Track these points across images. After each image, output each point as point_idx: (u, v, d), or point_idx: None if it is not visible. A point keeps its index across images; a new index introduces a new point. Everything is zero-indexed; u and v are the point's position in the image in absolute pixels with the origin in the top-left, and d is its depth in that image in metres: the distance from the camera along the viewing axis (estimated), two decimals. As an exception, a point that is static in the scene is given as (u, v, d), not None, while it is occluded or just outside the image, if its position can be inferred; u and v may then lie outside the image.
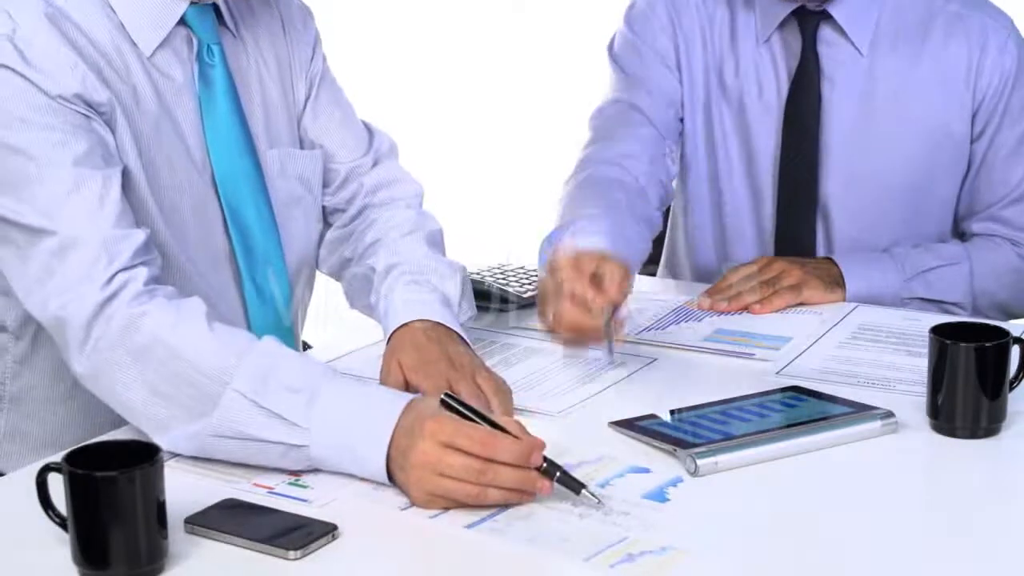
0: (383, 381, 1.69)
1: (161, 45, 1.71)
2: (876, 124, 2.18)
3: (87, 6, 1.66)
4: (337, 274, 1.97)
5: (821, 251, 2.22)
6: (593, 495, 1.43)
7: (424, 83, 5.18)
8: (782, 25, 2.17)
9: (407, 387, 1.66)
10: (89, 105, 1.62)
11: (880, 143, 2.18)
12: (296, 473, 1.51)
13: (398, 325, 1.74)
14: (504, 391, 1.66)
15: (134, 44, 1.69)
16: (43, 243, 1.56)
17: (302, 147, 1.91)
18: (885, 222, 2.20)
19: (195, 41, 1.74)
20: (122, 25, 1.68)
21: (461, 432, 1.44)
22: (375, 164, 1.97)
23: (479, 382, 1.65)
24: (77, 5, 1.65)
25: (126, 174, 1.64)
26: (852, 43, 2.16)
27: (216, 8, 1.77)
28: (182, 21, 1.72)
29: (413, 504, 1.45)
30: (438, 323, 1.74)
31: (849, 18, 2.15)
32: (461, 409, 1.47)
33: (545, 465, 1.44)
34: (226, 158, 1.77)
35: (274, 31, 1.88)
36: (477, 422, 1.46)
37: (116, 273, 1.55)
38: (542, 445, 1.44)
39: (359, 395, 1.52)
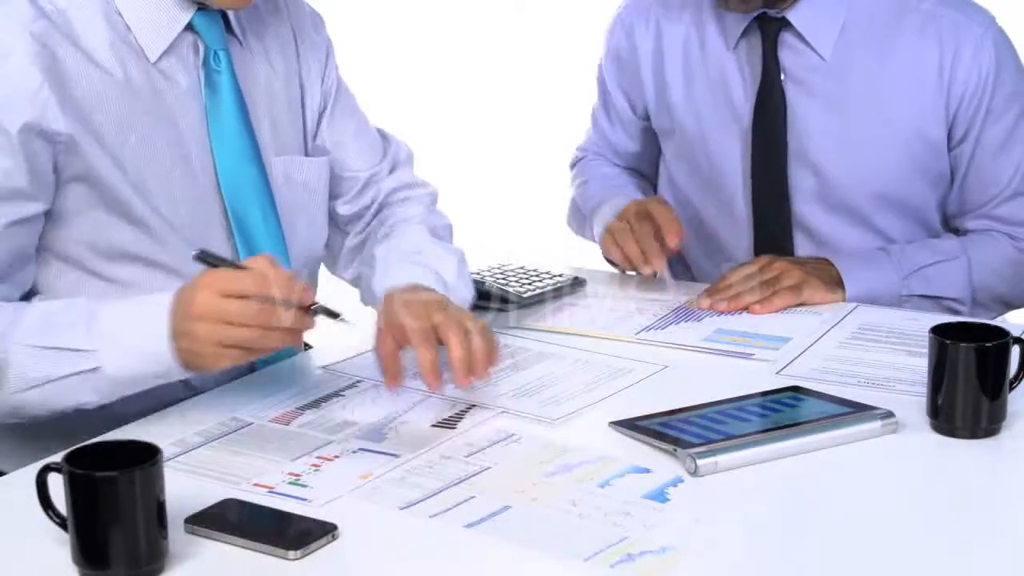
0: (375, 333, 1.66)
1: (167, 51, 1.71)
2: (848, 129, 2.14)
3: (91, 9, 1.66)
4: (358, 281, 1.97)
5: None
6: (346, 321, 1.54)
7: (424, 83, 5.19)
8: (747, 32, 2.15)
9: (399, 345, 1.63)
10: (43, 135, 1.60)
11: (853, 148, 2.14)
12: (296, 473, 1.51)
13: (390, 286, 1.72)
14: (492, 342, 1.63)
15: (139, 49, 1.68)
16: None
17: (313, 155, 1.91)
18: (864, 228, 2.18)
19: (202, 47, 1.74)
20: (128, 28, 1.68)
21: (235, 277, 1.51)
22: (392, 170, 1.98)
23: (468, 326, 1.62)
24: (80, 8, 1.65)
25: (106, 188, 1.65)
26: (813, 49, 2.12)
27: (224, 15, 1.76)
28: (189, 27, 1.72)
29: (204, 369, 1.54)
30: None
31: (808, 24, 2.11)
32: (218, 262, 1.55)
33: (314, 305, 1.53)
34: (232, 165, 1.76)
35: (284, 39, 1.87)
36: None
37: None
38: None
39: (130, 302, 1.60)
